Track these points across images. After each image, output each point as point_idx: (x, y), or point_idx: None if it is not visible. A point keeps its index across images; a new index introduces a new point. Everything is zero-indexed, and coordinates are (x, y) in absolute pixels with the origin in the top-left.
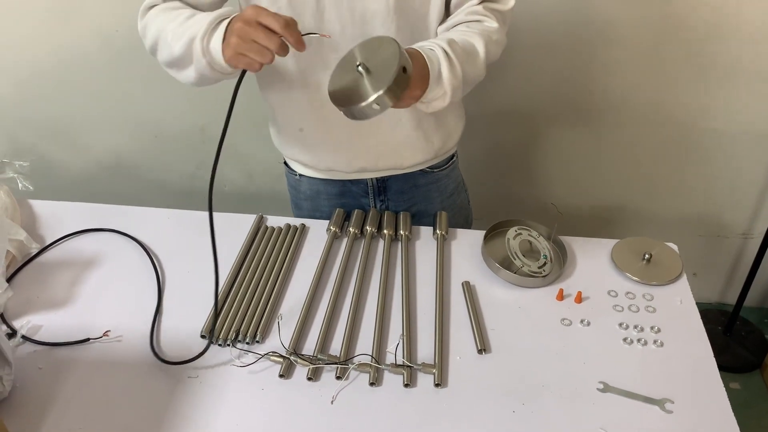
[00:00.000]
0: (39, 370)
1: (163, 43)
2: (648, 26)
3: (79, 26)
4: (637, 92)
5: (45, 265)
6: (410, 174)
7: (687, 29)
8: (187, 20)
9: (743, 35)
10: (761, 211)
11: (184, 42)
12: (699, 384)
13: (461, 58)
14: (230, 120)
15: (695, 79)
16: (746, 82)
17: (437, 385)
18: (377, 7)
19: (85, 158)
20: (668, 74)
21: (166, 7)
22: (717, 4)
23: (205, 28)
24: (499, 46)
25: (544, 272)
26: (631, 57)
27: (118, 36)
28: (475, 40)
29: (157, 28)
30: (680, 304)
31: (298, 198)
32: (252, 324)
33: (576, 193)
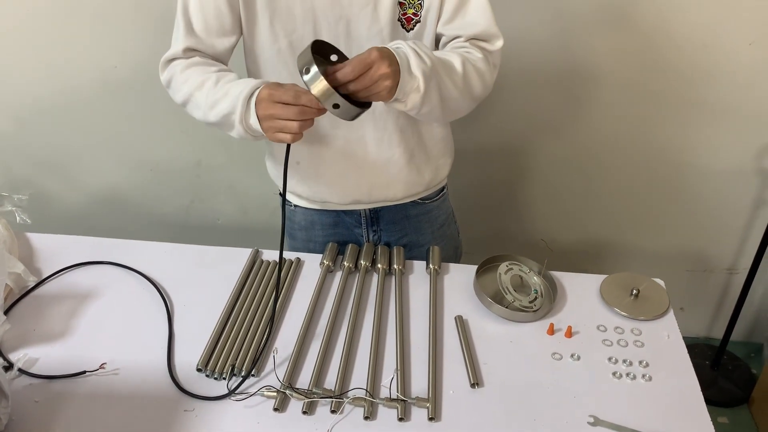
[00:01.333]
0: (35, 404)
1: (194, 107)
2: (636, 67)
3: (78, 62)
4: (624, 131)
5: (42, 298)
6: (402, 205)
7: (674, 71)
8: (215, 89)
9: (728, 77)
10: (745, 247)
11: (219, 114)
12: (687, 417)
13: (430, 56)
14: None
15: (681, 118)
16: (731, 121)
17: (431, 419)
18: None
19: (81, 192)
20: (655, 113)
21: (189, 63)
22: (703, 49)
23: (240, 109)
24: (481, 78)
25: (535, 307)
26: (618, 96)
27: (116, 72)
28: (451, 56)
29: (185, 92)
30: (668, 338)
31: (292, 228)
32: (248, 357)
33: (565, 229)
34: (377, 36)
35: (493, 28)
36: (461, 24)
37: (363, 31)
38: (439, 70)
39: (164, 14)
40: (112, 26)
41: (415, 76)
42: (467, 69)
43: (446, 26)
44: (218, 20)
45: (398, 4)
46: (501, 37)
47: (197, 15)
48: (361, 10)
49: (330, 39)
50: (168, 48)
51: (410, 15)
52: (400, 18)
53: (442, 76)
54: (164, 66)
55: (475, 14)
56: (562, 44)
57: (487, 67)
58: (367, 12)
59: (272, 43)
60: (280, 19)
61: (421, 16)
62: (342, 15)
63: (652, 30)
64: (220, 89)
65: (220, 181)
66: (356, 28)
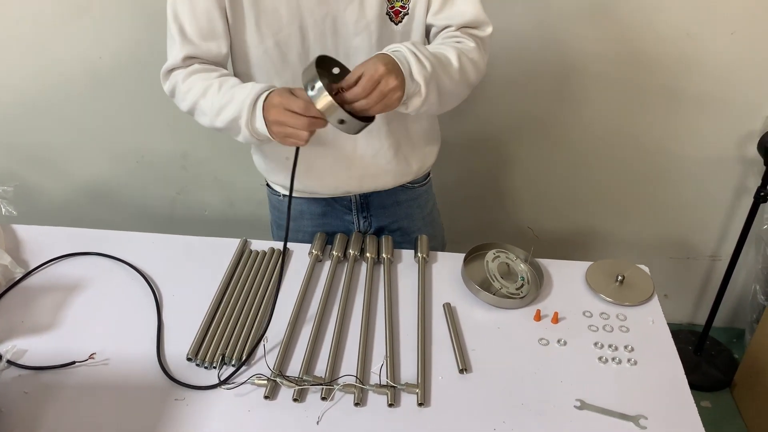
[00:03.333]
0: (25, 395)
1: (200, 114)
2: (618, 57)
3: (63, 53)
4: (607, 121)
5: (29, 290)
6: (392, 190)
7: (657, 60)
8: (219, 95)
9: (710, 66)
10: (728, 234)
11: (225, 120)
12: (671, 401)
13: (429, 57)
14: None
15: (664, 107)
16: (713, 110)
17: (420, 405)
18: (360, 44)
19: (66, 184)
20: (637, 103)
21: (190, 72)
22: (685, 38)
23: (246, 114)
24: (476, 67)
25: (522, 294)
26: (601, 86)
27: (101, 63)
28: (447, 51)
29: (190, 101)
30: (652, 324)
31: (280, 219)
32: (238, 346)
33: (551, 218)
34: (364, 31)
35: (482, 16)
36: (450, 14)
37: (350, 26)
38: (437, 70)
39: (149, 5)
40: (97, 17)
41: (417, 82)
42: (463, 61)
43: (436, 17)
44: (209, 23)
45: None
46: (490, 23)
47: (188, 20)
48: (347, 6)
49: (316, 36)
50: (148, 43)
51: (398, 8)
52: (389, 12)
53: (441, 75)
54: (165, 77)
55: (463, 3)
56: (545, 35)
57: (480, 54)
58: (354, 7)
59: (259, 42)
60: (266, 18)
61: (409, 9)
62: (328, 12)
63: (634, 19)
64: (224, 95)
65: (206, 173)
66: (343, 24)
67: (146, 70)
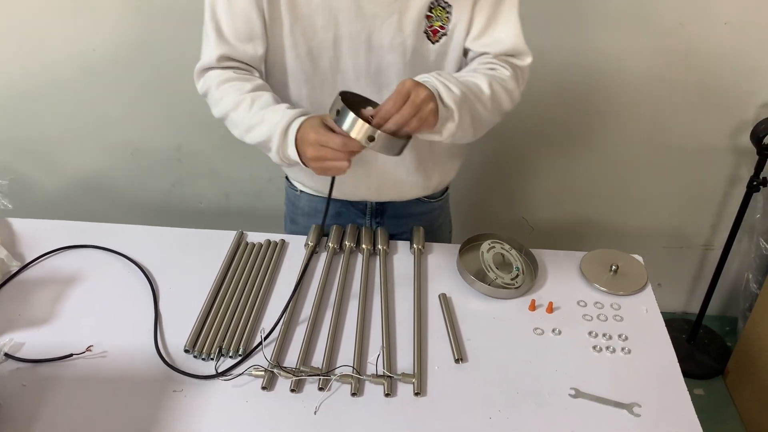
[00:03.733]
0: (23, 387)
1: (231, 125)
2: (612, 47)
3: (56, 45)
4: (602, 111)
5: (26, 283)
6: (408, 202)
7: (650, 50)
8: (250, 113)
9: (703, 56)
10: (721, 223)
11: (255, 139)
12: (665, 388)
13: (458, 85)
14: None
15: (657, 97)
16: (706, 100)
17: (417, 394)
18: (393, 60)
19: (61, 177)
20: (631, 93)
21: (224, 79)
22: (679, 28)
23: (277, 141)
24: (510, 95)
25: (517, 284)
26: (596, 77)
27: (95, 55)
28: (478, 78)
29: (222, 110)
30: (646, 313)
31: (295, 213)
32: (235, 338)
33: (546, 208)
34: (399, 47)
35: (522, 45)
36: (489, 41)
37: (385, 42)
38: (468, 95)
39: None
40: (91, 9)
41: (449, 106)
42: (495, 89)
43: (474, 42)
44: (247, 24)
45: (425, 17)
46: (530, 53)
47: (226, 20)
48: (384, 22)
49: (350, 48)
50: (141, 35)
51: (437, 28)
52: (426, 30)
53: (472, 101)
54: (199, 75)
55: (504, 31)
56: (539, 25)
57: (516, 84)
58: (391, 24)
59: (292, 47)
60: (301, 24)
61: (448, 30)
62: (364, 26)
63: (627, 9)
64: (255, 114)
65: (201, 165)
66: (378, 39)
67: (140, 63)
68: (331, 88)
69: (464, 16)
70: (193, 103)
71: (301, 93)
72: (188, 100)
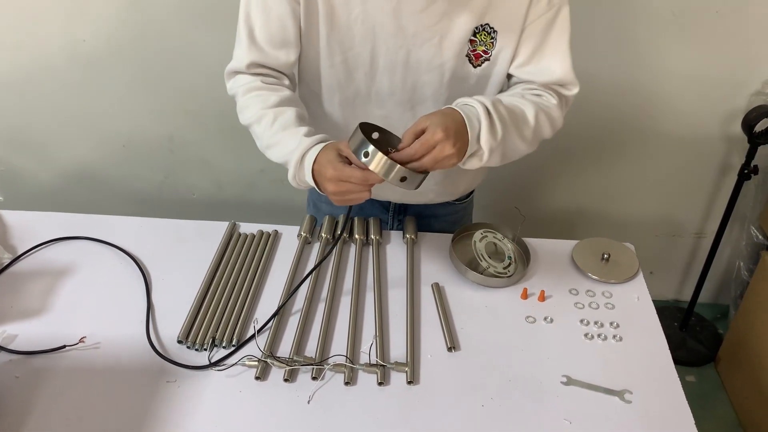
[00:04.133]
0: (16, 379)
1: (255, 136)
2: (603, 36)
3: (46, 35)
4: (593, 99)
5: (18, 275)
6: (433, 204)
7: (642, 39)
8: (270, 131)
9: (695, 45)
10: (712, 211)
11: (273, 158)
12: (655, 375)
13: (503, 118)
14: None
15: (649, 85)
16: (698, 89)
17: (410, 383)
18: (430, 80)
19: (53, 168)
20: (623, 81)
21: (251, 87)
22: (671, 18)
23: (293, 168)
24: (552, 124)
25: (509, 273)
26: (587, 64)
27: (85, 45)
28: (526, 107)
29: (246, 119)
30: (637, 300)
31: (319, 200)
32: (228, 328)
33: (538, 197)
34: (438, 69)
35: (570, 75)
36: (536, 70)
37: (423, 63)
38: (509, 131)
39: None
40: (80, 0)
41: (481, 148)
42: (540, 120)
43: (519, 69)
44: (282, 31)
45: (469, 41)
46: (577, 84)
47: (260, 25)
48: (424, 44)
49: (386, 63)
50: (132, 26)
51: (480, 52)
52: (469, 54)
53: (512, 137)
54: (229, 77)
55: (552, 61)
56: None
57: (560, 113)
58: (431, 46)
59: (327, 56)
60: (338, 35)
61: (492, 55)
62: (403, 44)
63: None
64: (275, 134)
65: (193, 156)
66: (416, 59)
67: (130, 54)
68: (365, 100)
69: (510, 43)
70: (184, 94)
71: (333, 102)
72: (179, 90)
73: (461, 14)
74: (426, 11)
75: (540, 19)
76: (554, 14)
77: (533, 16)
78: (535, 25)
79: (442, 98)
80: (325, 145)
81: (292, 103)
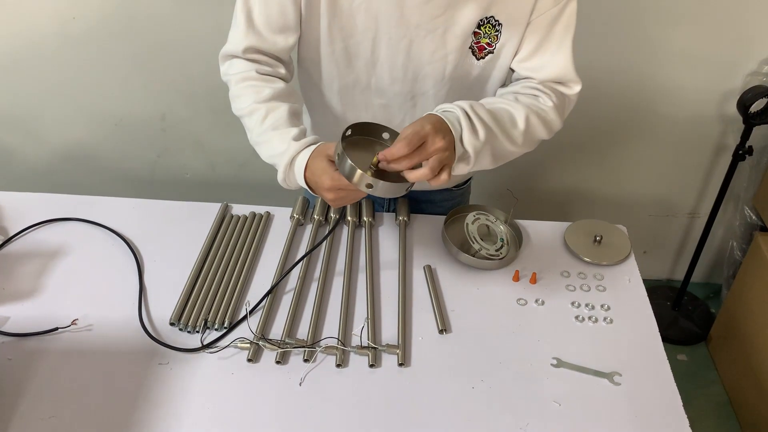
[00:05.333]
0: (9, 362)
1: (245, 128)
2: (598, 16)
3: (35, 13)
4: (587, 79)
5: (9, 257)
6: (429, 190)
7: (638, 17)
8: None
9: (693, 23)
10: (706, 192)
11: (262, 155)
12: (645, 357)
13: (486, 122)
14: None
15: (645, 64)
16: (692, 68)
17: (401, 365)
18: (432, 72)
19: (44, 148)
20: (618, 60)
21: (244, 76)
22: (665, 0)
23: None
24: (548, 127)
25: (501, 255)
26: (582, 44)
27: (74, 23)
28: (516, 110)
29: (237, 109)
30: (629, 282)
31: None
32: (220, 311)
33: (532, 179)
34: (440, 60)
35: (571, 73)
36: (535, 65)
37: (426, 54)
38: (494, 134)
39: None
40: None
41: (466, 150)
42: (531, 123)
43: (520, 64)
44: (281, 16)
45: (473, 33)
46: (579, 81)
47: (259, 8)
48: (427, 35)
49: (388, 53)
50: (122, 4)
51: (483, 44)
52: (472, 46)
53: (499, 140)
54: (223, 60)
55: (553, 57)
56: None
57: (557, 114)
58: (434, 37)
59: (328, 43)
60: (339, 21)
61: (495, 48)
62: (406, 34)
63: None
64: (264, 133)
65: (186, 135)
66: (419, 49)
67: (122, 31)
68: (365, 89)
69: (515, 37)
70: (175, 72)
71: (332, 90)
72: (170, 68)
73: (466, 6)
74: (431, 2)
75: (546, 14)
76: (560, 10)
77: (540, 10)
78: (541, 19)
79: (443, 90)
80: (315, 149)
81: (286, 96)
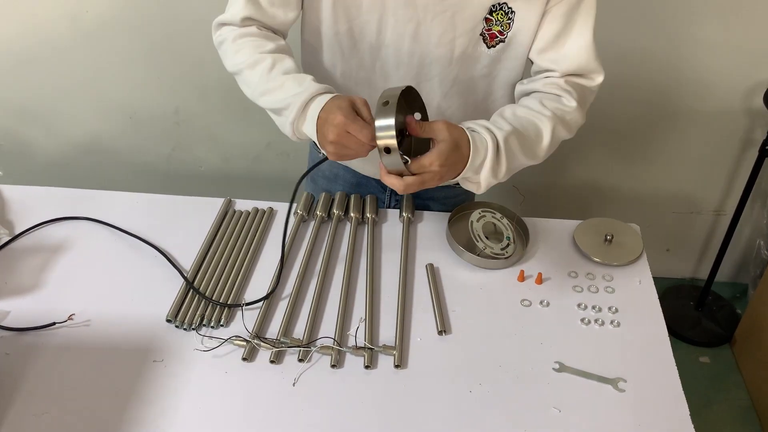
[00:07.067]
0: (6, 356)
1: (243, 84)
2: (624, 6)
3: (49, 7)
4: (609, 72)
5: (15, 252)
6: None
7: (662, 10)
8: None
9: (718, 16)
10: (732, 188)
11: (269, 104)
12: (652, 363)
13: (511, 153)
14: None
15: (668, 58)
16: (719, 61)
17: (397, 367)
18: (440, 56)
19: (58, 141)
20: (640, 54)
21: (242, 33)
22: None
23: (294, 113)
24: (569, 129)
25: (507, 254)
26: (601, 38)
27: (88, 17)
28: (544, 124)
29: (236, 65)
30: (639, 284)
31: (316, 174)
32: (217, 308)
33: (549, 175)
34: (448, 45)
35: (593, 63)
36: (557, 56)
37: (433, 38)
38: (516, 157)
39: None
40: None
41: (479, 182)
42: (556, 135)
43: (540, 56)
44: None
45: (484, 19)
46: (602, 72)
47: None
48: (435, 17)
49: (394, 36)
50: None
51: (495, 32)
52: (483, 33)
53: (519, 161)
54: (216, 28)
55: (574, 47)
56: None
57: (580, 113)
58: (443, 20)
59: (332, 23)
60: (344, 1)
61: (507, 37)
62: (413, 16)
63: None
64: (274, 78)
65: (200, 128)
66: (426, 32)
67: (135, 24)
68: (368, 72)
69: (529, 26)
70: (189, 65)
71: (334, 74)
72: (184, 61)
73: None
74: None
75: (564, 1)
76: None
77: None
78: (559, 7)
79: (450, 76)
80: (336, 94)
81: (289, 53)
